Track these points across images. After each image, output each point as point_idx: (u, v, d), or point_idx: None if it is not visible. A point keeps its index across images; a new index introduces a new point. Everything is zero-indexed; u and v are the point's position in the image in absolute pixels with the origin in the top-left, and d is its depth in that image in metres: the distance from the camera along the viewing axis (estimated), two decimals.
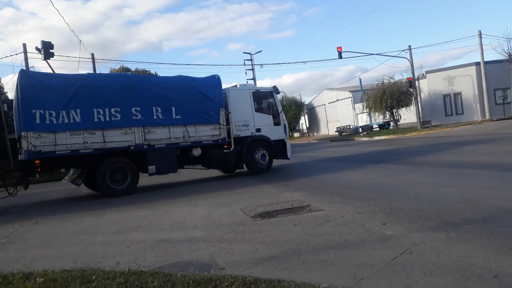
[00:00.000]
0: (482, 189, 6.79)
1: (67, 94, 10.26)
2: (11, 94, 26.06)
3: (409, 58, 34.07)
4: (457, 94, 36.19)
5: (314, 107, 63.07)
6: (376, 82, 39.06)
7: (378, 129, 40.34)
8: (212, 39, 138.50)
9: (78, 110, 10.29)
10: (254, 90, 14.12)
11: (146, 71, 34.43)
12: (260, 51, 55.27)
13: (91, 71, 27.71)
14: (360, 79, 30.61)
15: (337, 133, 47.32)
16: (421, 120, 34.69)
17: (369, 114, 41.62)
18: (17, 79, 9.97)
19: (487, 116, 32.77)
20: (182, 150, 12.07)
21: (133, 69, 34.08)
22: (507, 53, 33.59)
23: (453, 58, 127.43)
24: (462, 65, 36.31)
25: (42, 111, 9.89)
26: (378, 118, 40.53)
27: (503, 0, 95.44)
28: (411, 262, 3.68)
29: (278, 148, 13.97)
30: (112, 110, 10.68)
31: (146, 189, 12.73)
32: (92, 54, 27.36)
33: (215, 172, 15.03)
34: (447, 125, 32.15)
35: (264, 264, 4.10)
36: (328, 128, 57.18)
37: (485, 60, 33.34)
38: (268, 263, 4.11)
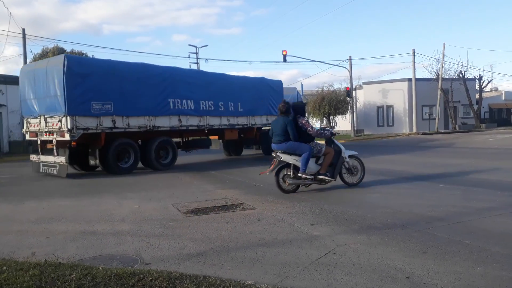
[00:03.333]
0: (404, 196, 7.27)
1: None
2: None
3: (348, 68, 35.60)
4: (389, 107, 38.50)
5: None
6: (317, 89, 40.42)
7: None
8: (156, 28, 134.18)
9: None
10: None
11: (82, 53, 32.57)
12: (206, 45, 54.73)
13: (21, 48, 25.68)
14: (302, 84, 31.63)
15: None
16: (355, 128, 36.43)
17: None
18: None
19: (414, 130, 35.20)
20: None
21: (68, 50, 32.11)
22: (436, 73, 36.40)
23: (389, 72, 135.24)
24: (396, 79, 38.70)
25: None
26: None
27: (435, 21, 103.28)
28: (334, 262, 3.83)
29: None
30: None
31: (72, 176, 12.04)
32: (23, 30, 25.33)
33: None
34: (378, 135, 34.08)
35: (192, 260, 4.05)
36: None
37: (416, 77, 35.78)
38: (196, 259, 4.07)
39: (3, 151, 24.64)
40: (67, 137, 11.13)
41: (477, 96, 40.22)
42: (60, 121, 11.19)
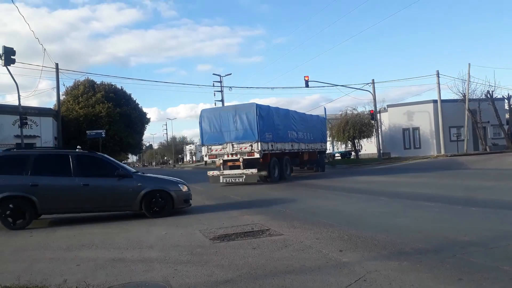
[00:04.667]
0: (435, 220, 7.05)
1: None
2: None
3: (372, 92, 35.44)
4: (415, 129, 37.81)
5: None
6: (340, 113, 40.24)
7: (340, 157, 41.26)
8: (181, 59, 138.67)
9: None
10: None
11: (112, 85, 33.77)
12: (230, 74, 55.98)
13: (54, 81, 26.94)
14: (325, 108, 31.51)
15: None
16: (381, 151, 35.86)
17: (332, 143, 42.61)
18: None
19: (442, 152, 34.35)
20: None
21: (98, 82, 33.37)
22: (462, 94, 35.67)
23: (412, 94, 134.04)
24: (421, 101, 38.16)
25: None
26: (341, 147, 41.54)
27: (459, 42, 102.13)
28: None
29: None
30: None
31: None
32: (57, 64, 26.61)
33: None
34: (405, 158, 33.39)
35: None
36: None
37: (442, 98, 35.20)
38: (224, 287, 4.04)
39: None
40: (256, 155, 16.82)
41: (507, 116, 39.06)
42: (251, 145, 16.92)
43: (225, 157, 17.57)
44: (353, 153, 40.19)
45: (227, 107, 19.32)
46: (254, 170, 16.79)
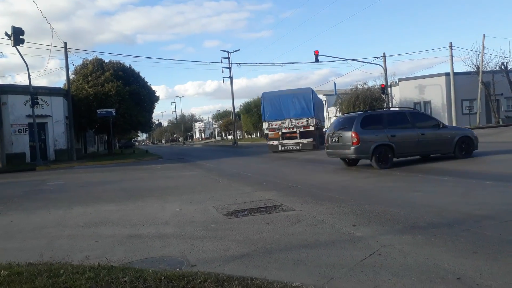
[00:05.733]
0: (448, 195, 7.04)
1: None
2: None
3: (383, 65, 34.87)
4: (427, 103, 37.32)
5: None
6: (350, 87, 39.84)
7: None
8: (188, 35, 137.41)
9: None
10: None
11: (120, 63, 33.68)
12: (238, 50, 55.82)
13: (62, 60, 26.95)
14: (334, 83, 31.49)
15: None
16: None
17: None
18: None
19: (454, 125, 33.93)
20: None
21: (106, 61, 33.29)
22: (475, 66, 34.90)
23: (424, 67, 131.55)
24: (433, 74, 37.49)
25: None
26: None
27: (473, 14, 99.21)
28: (380, 263, 3.77)
29: None
30: None
31: (116, 183, 12.49)
32: (65, 43, 26.55)
33: (187, 169, 14.89)
34: None
35: (236, 262, 4.11)
36: None
37: (454, 71, 34.51)
38: (240, 261, 4.12)
39: (49, 159, 25.88)
40: (311, 128, 22.73)
41: None
42: (307, 120, 22.75)
43: (283, 130, 22.97)
44: None
45: (285, 90, 24.11)
46: (310, 140, 22.31)
